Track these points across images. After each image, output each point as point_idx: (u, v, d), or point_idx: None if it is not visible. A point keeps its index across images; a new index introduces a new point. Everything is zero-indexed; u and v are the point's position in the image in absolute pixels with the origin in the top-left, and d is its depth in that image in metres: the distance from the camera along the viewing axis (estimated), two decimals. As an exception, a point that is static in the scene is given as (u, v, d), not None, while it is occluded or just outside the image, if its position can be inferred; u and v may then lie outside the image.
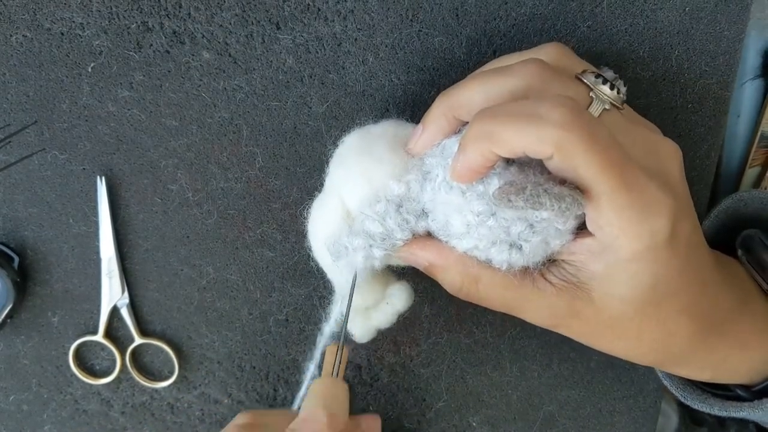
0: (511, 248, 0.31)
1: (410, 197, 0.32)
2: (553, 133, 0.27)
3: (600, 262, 0.30)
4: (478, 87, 0.31)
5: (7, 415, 0.45)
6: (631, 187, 0.28)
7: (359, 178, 0.33)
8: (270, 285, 0.43)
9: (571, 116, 0.27)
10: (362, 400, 0.46)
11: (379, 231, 0.32)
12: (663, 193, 0.29)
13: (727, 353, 0.35)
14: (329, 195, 0.34)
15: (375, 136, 0.34)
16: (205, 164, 0.40)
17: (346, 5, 0.37)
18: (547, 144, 0.27)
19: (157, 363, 0.45)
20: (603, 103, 0.30)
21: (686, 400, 0.39)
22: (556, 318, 0.32)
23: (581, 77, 0.31)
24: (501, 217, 0.30)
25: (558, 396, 0.47)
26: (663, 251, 0.29)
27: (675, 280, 0.31)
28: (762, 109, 0.46)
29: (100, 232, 0.41)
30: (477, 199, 0.30)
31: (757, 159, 0.47)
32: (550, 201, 0.27)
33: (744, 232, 0.39)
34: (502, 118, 0.28)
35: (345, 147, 0.34)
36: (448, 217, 0.31)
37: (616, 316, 0.31)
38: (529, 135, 0.27)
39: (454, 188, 0.31)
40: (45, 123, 0.39)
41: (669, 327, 0.32)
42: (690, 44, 0.39)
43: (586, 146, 0.27)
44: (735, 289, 0.36)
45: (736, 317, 0.35)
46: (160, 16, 0.37)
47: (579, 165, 0.27)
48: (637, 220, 0.28)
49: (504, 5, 0.38)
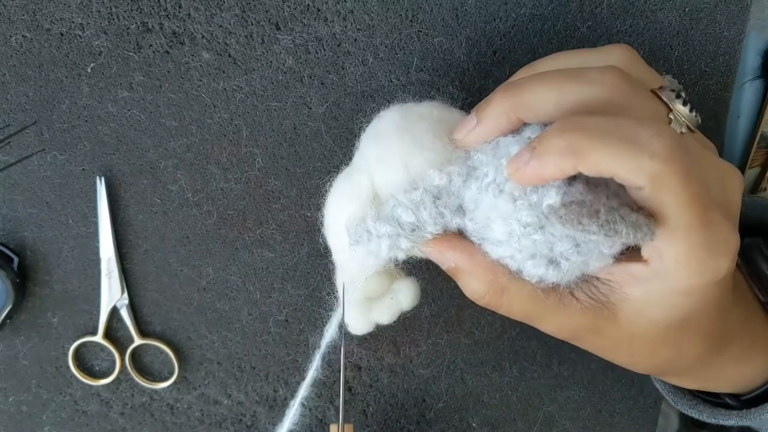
0: (549, 264, 0.29)
1: (450, 191, 0.30)
2: (652, 165, 0.25)
3: (641, 287, 0.29)
4: (552, 90, 0.28)
5: (7, 416, 0.45)
6: (709, 227, 0.27)
7: (396, 160, 0.30)
8: (270, 286, 0.43)
9: (673, 149, 0.25)
10: (362, 400, 0.46)
11: (410, 221, 0.30)
12: (733, 233, 0.28)
13: (722, 367, 0.35)
14: (358, 171, 0.32)
15: (418, 116, 0.31)
16: (205, 165, 0.40)
17: (345, 6, 0.37)
18: (644, 174, 0.25)
19: (157, 364, 0.45)
20: (680, 126, 0.29)
21: (677, 405, 0.39)
22: (575, 332, 0.31)
23: (659, 94, 0.29)
24: (549, 232, 0.27)
25: (558, 396, 0.47)
26: (715, 288, 0.28)
27: (710, 311, 0.30)
28: (762, 110, 0.46)
29: (100, 233, 0.41)
30: (528, 209, 0.27)
31: (756, 159, 0.48)
32: (627, 229, 0.25)
33: (744, 241, 0.38)
34: (595, 135, 0.25)
35: (383, 122, 0.31)
36: (489, 221, 0.29)
37: (637, 335, 0.30)
38: (626, 162, 0.25)
39: (504, 193, 0.28)
40: (45, 123, 0.39)
41: (683, 347, 0.32)
42: (690, 44, 0.39)
43: (683, 183, 0.25)
44: (741, 306, 0.35)
45: (739, 334, 0.34)
46: (159, 16, 0.37)
47: (669, 200, 0.26)
48: (705, 259, 0.27)
49: (504, 5, 0.38)
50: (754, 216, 0.40)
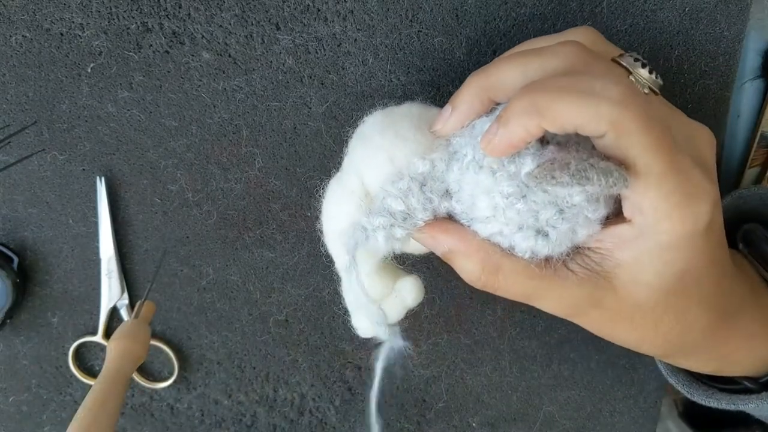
0: (537, 235, 0.29)
1: (435, 176, 0.31)
2: (611, 109, 0.26)
3: (629, 249, 0.29)
4: (517, 67, 0.29)
5: (7, 416, 0.45)
6: (680, 171, 0.28)
7: (381, 155, 0.31)
8: (270, 286, 0.43)
9: (630, 94, 0.26)
10: (362, 400, 0.46)
11: (400, 209, 0.31)
12: (706, 179, 0.29)
13: (735, 345, 0.35)
14: (348, 174, 0.33)
15: (399, 115, 0.33)
16: (205, 164, 0.40)
17: (345, 6, 0.37)
18: (603, 120, 0.26)
19: (157, 364, 0.45)
20: (642, 87, 0.30)
21: (693, 397, 0.39)
22: (576, 308, 0.31)
23: (619, 60, 0.30)
24: (531, 200, 0.29)
25: (558, 396, 0.47)
26: (700, 238, 0.29)
27: (703, 269, 0.30)
28: (762, 109, 0.46)
29: (100, 233, 0.41)
30: (507, 179, 0.29)
31: (757, 159, 0.48)
32: (598, 176, 0.26)
33: (744, 226, 0.39)
34: (554, 91, 0.27)
35: (367, 125, 0.33)
36: (474, 199, 0.30)
37: (638, 304, 0.31)
38: (586, 110, 0.26)
39: (484, 168, 0.29)
40: (45, 123, 0.39)
41: (687, 318, 0.32)
42: (690, 44, 0.39)
43: (642, 126, 0.26)
44: (744, 281, 0.36)
45: (746, 309, 0.35)
46: (159, 16, 0.37)
47: (632, 144, 0.27)
48: (683, 204, 0.28)
49: (504, 5, 0.38)
50: (752, 206, 0.40)
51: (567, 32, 0.32)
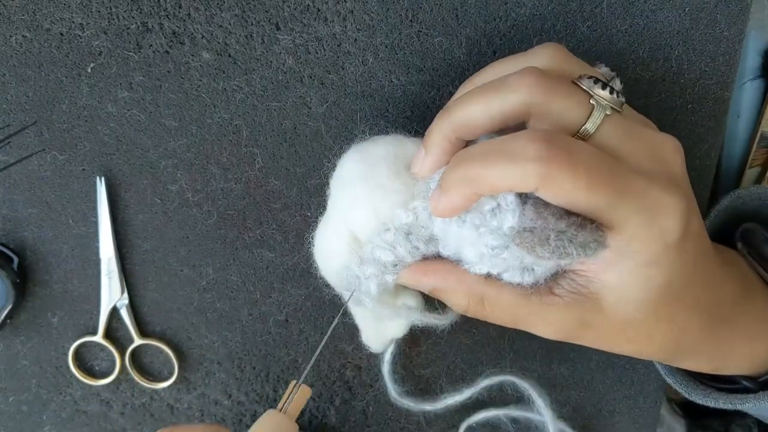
0: (523, 272, 0.31)
1: (418, 224, 0.33)
2: (532, 168, 0.27)
3: (613, 270, 0.30)
4: (478, 106, 0.30)
5: (7, 416, 0.45)
6: (627, 194, 0.28)
7: (366, 206, 0.33)
8: (270, 286, 0.43)
9: (547, 148, 0.27)
10: (362, 400, 0.46)
11: (390, 259, 0.33)
12: (667, 193, 0.29)
13: (733, 344, 0.35)
14: (335, 222, 0.34)
15: (376, 158, 0.33)
16: (205, 165, 0.40)
17: (345, 6, 0.37)
18: (531, 179, 0.27)
19: (157, 364, 0.45)
20: (604, 109, 0.30)
21: (690, 396, 0.39)
22: (566, 331, 0.32)
23: (579, 83, 0.30)
24: (515, 248, 0.29)
25: (558, 397, 0.47)
26: (675, 251, 0.29)
27: (686, 277, 0.31)
28: (762, 110, 0.46)
29: (100, 233, 0.41)
30: (491, 233, 0.30)
31: (757, 159, 0.48)
32: (576, 250, 0.27)
33: (743, 225, 0.39)
34: (479, 161, 0.28)
35: (345, 171, 0.34)
36: (460, 248, 0.32)
37: (629, 321, 0.31)
38: (511, 174, 0.27)
39: (467, 223, 0.31)
40: (45, 123, 0.39)
41: (679, 324, 0.32)
42: (690, 44, 0.39)
43: (568, 172, 0.27)
44: (737, 281, 0.36)
45: (741, 308, 0.35)
46: (159, 16, 0.37)
47: (568, 191, 0.27)
48: (647, 224, 0.28)
49: (504, 5, 0.38)
50: (751, 207, 0.41)
51: (533, 51, 0.33)
